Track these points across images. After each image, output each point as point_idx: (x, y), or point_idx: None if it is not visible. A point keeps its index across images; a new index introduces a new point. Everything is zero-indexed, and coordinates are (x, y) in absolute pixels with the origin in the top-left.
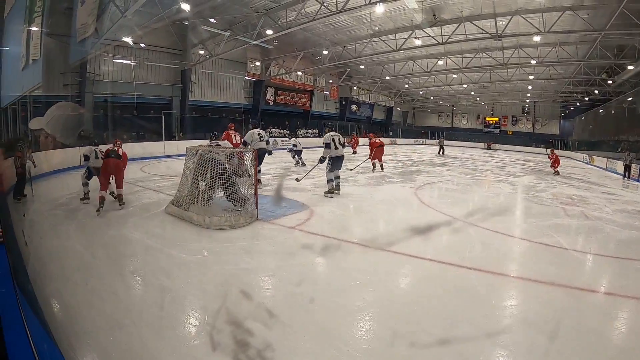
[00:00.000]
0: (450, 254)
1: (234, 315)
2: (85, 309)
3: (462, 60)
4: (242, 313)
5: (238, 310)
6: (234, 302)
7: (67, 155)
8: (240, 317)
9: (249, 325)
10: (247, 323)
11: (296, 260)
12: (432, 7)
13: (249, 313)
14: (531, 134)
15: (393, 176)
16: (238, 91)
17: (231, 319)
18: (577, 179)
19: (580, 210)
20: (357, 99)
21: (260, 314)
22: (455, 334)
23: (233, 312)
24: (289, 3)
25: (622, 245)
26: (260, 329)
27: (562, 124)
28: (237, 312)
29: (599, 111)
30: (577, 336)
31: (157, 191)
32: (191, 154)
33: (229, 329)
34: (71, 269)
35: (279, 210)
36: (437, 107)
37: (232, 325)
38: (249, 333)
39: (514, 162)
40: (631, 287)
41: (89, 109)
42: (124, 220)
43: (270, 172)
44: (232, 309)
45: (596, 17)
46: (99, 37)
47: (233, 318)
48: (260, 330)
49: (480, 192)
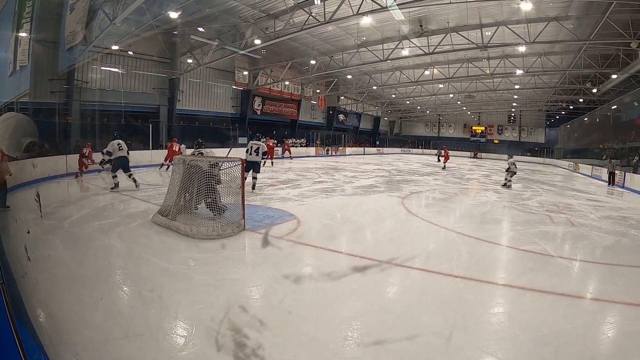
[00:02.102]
0: (438, 263)
1: (222, 325)
2: (73, 319)
3: (448, 70)
4: (230, 323)
5: (226, 319)
6: (221, 312)
7: (53, 164)
8: (229, 327)
9: (239, 334)
10: (236, 333)
11: (284, 270)
12: (419, 17)
13: (238, 322)
14: (517, 143)
15: (380, 185)
16: (226, 100)
17: (219, 329)
18: (563, 186)
19: (566, 217)
20: (345, 109)
21: (250, 323)
22: (443, 342)
23: (221, 322)
24: (278, 13)
25: (608, 251)
26: (250, 339)
27: (547, 133)
28: (225, 322)
29: (583, 119)
30: (565, 342)
31: (144, 200)
32: (178, 164)
33: (218, 338)
34: (58, 280)
35: (266, 220)
36: (424, 116)
37: (222, 335)
38: (239, 343)
39: (500, 170)
40: (617, 293)
41: (76, 116)
42: (111, 230)
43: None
44: (219, 318)
45: (581, 28)
46: (88, 45)
47: (221, 328)
48: (251, 340)
49: (466, 201)
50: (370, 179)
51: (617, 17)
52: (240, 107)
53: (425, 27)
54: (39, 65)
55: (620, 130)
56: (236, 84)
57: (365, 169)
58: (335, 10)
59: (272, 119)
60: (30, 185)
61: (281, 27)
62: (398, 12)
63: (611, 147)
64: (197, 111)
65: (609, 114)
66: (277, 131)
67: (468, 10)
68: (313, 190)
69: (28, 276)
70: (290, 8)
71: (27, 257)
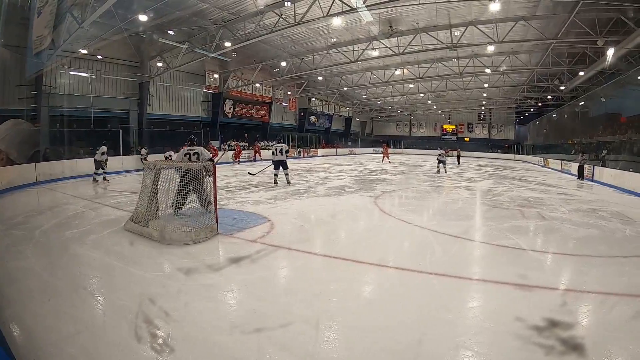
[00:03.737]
0: (412, 261)
1: (198, 332)
2: (46, 331)
3: (418, 70)
4: (207, 329)
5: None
6: (197, 318)
7: (21, 172)
8: (205, 334)
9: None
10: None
11: (258, 273)
12: (388, 18)
13: (214, 329)
14: (488, 140)
15: (353, 186)
16: (196, 104)
17: (194, 336)
18: (533, 181)
19: (537, 211)
20: (316, 110)
21: (226, 329)
22: (421, 339)
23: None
24: (248, 15)
25: (579, 243)
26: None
27: (517, 129)
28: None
29: (552, 116)
30: (540, 333)
31: (115, 208)
32: (149, 169)
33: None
34: (30, 291)
35: (239, 223)
36: (395, 116)
37: (196, 342)
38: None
39: (471, 167)
40: (590, 283)
41: (45, 122)
42: (83, 238)
43: (230, 185)
44: (195, 325)
45: (548, 27)
46: (56, 49)
47: (197, 334)
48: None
49: (439, 199)
50: (343, 179)
51: (584, 16)
52: (212, 111)
53: (395, 28)
54: (6, 71)
55: (588, 126)
56: (207, 87)
57: (338, 169)
58: (306, 12)
59: (243, 122)
60: None
61: (251, 29)
62: (367, 14)
63: (580, 142)
64: (168, 115)
65: (577, 110)
66: (248, 134)
67: (437, 11)
68: (286, 192)
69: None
70: (260, 10)
71: None
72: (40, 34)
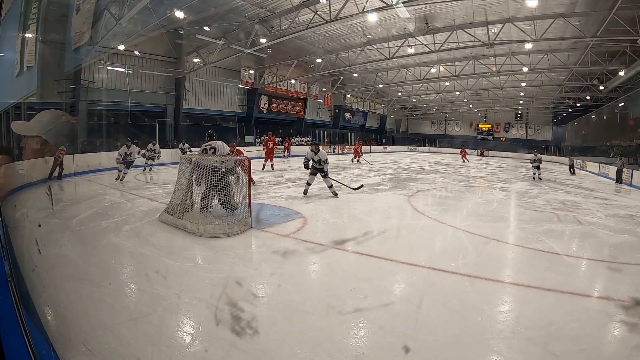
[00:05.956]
0: (444, 261)
1: (228, 322)
2: (81, 317)
3: (454, 67)
4: (236, 320)
5: (232, 317)
6: (228, 310)
7: None
8: (234, 324)
9: (244, 332)
10: (241, 330)
11: (290, 268)
12: (424, 15)
13: (243, 320)
14: (524, 140)
15: (386, 184)
16: (232, 99)
17: (225, 326)
18: (570, 184)
19: (573, 215)
20: (351, 107)
21: (255, 321)
22: (451, 341)
23: (227, 319)
24: (283, 12)
25: (616, 250)
26: (256, 336)
27: (554, 130)
28: (232, 319)
29: (590, 117)
30: (573, 341)
31: (150, 199)
32: (184, 162)
33: (222, 335)
34: (66, 278)
35: (273, 218)
36: (430, 114)
37: (226, 331)
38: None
39: (507, 168)
40: (625, 291)
41: (83, 116)
42: (118, 228)
43: (266, 180)
44: (226, 316)
45: (587, 24)
46: (94, 45)
47: (227, 325)
48: (255, 338)
49: (473, 199)
50: (377, 177)
51: (624, 14)
52: (247, 106)
53: (431, 25)
54: (46, 66)
55: (628, 128)
56: (242, 83)
57: (372, 167)
58: (341, 8)
59: (278, 118)
60: (37, 184)
61: (287, 26)
62: (403, 10)
63: (619, 145)
64: (203, 110)
65: (616, 111)
66: (283, 130)
67: (474, 7)
68: (319, 188)
69: (38, 270)
70: (295, 6)
71: (38, 250)
72: (79, 30)
